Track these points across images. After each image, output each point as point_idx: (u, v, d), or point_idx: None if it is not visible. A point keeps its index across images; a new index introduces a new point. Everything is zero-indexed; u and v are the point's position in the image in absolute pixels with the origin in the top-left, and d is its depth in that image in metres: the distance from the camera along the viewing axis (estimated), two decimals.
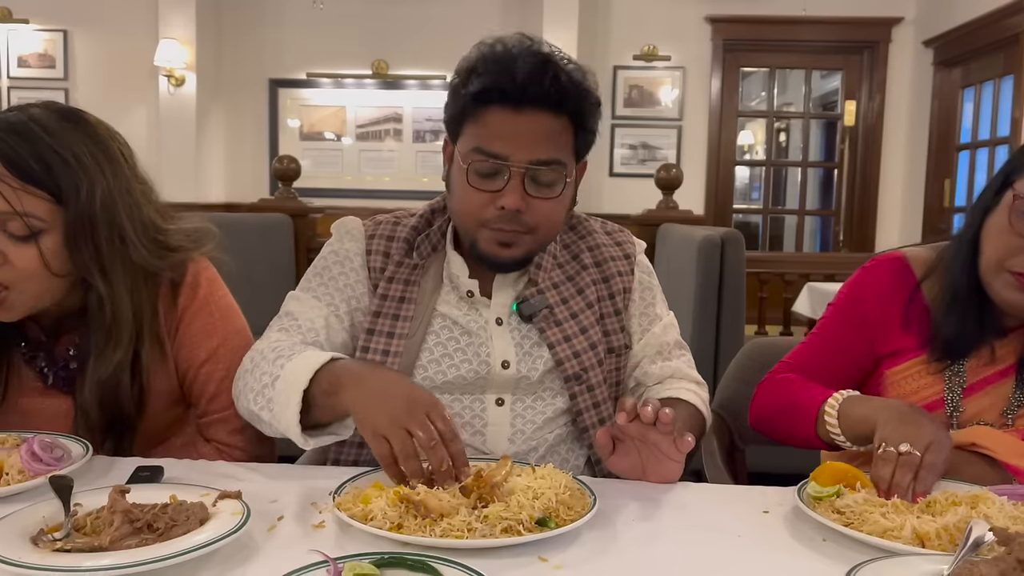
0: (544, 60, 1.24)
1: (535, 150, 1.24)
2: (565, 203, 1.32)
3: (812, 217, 7.68)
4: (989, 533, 0.88)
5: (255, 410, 1.20)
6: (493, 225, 1.27)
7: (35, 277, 1.19)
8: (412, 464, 1.01)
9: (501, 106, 1.24)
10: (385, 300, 1.36)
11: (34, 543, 0.89)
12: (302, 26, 6.85)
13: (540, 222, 1.28)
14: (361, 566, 0.83)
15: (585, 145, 1.33)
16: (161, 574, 0.84)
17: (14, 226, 1.16)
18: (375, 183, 7.00)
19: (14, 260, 1.17)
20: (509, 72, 1.22)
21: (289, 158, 4.06)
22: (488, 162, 1.25)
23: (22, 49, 6.84)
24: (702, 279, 2.92)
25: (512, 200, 1.24)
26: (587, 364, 1.36)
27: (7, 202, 1.15)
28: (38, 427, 1.28)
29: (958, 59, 6.00)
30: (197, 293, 1.35)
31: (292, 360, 1.18)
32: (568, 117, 1.27)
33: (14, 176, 1.15)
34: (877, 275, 1.38)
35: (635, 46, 6.73)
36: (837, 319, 1.41)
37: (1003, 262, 1.19)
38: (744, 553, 0.95)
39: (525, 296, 1.36)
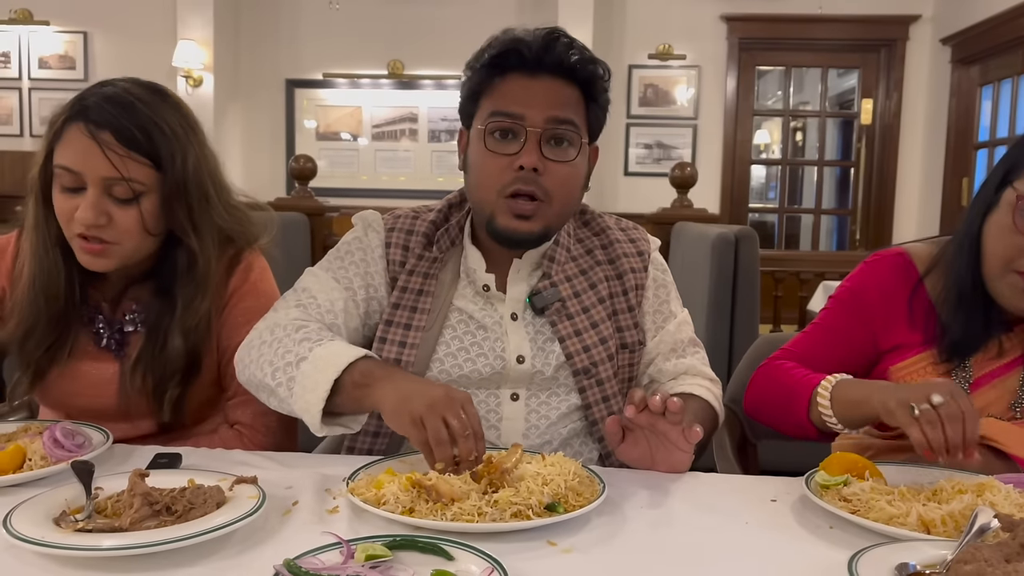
0: (555, 32, 1.31)
1: (550, 109, 1.29)
2: (580, 173, 1.35)
3: (828, 216, 7.65)
4: (994, 520, 0.89)
5: (271, 384, 1.22)
6: (511, 189, 1.29)
7: (134, 235, 1.30)
8: (444, 450, 1.04)
9: (517, 73, 1.31)
10: (405, 292, 1.38)
11: (57, 524, 0.91)
12: (318, 27, 6.89)
13: (556, 188, 1.30)
14: (374, 547, 0.85)
15: (598, 120, 1.37)
16: (179, 555, 0.86)
17: (119, 190, 1.27)
18: (391, 183, 7.03)
19: (117, 221, 1.28)
20: (522, 41, 1.30)
21: (306, 157, 4.10)
22: (506, 122, 1.29)
23: (43, 51, 6.91)
24: (716, 277, 2.92)
25: (530, 159, 1.27)
26: (597, 359, 1.38)
27: (115, 168, 1.25)
28: (82, 392, 1.37)
29: (976, 57, 5.96)
30: (249, 276, 1.44)
31: (322, 346, 1.20)
32: (579, 88, 1.32)
33: (120, 144, 1.25)
34: (879, 270, 1.39)
35: (650, 45, 6.72)
36: (838, 310, 1.42)
37: (1010, 263, 1.20)
38: (751, 539, 0.97)
39: (538, 289, 1.38)
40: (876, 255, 1.41)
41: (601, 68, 1.34)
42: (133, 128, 1.26)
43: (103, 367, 1.39)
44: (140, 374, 1.36)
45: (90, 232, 1.26)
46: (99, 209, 1.25)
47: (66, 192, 1.27)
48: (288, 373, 1.20)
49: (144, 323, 1.38)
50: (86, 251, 1.29)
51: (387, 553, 0.84)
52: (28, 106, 6.93)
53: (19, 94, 6.94)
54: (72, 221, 1.27)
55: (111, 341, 1.39)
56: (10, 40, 6.89)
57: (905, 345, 1.32)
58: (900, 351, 1.33)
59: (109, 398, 1.38)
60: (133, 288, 1.40)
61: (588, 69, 1.32)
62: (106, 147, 1.24)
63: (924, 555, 0.85)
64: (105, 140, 1.24)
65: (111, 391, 1.37)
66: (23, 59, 6.91)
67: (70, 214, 1.27)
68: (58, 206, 1.29)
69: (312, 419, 1.16)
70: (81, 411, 1.39)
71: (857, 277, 1.41)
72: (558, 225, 1.37)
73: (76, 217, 1.26)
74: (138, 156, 1.27)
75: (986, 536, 0.87)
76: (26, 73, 6.93)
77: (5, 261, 1.42)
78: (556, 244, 1.41)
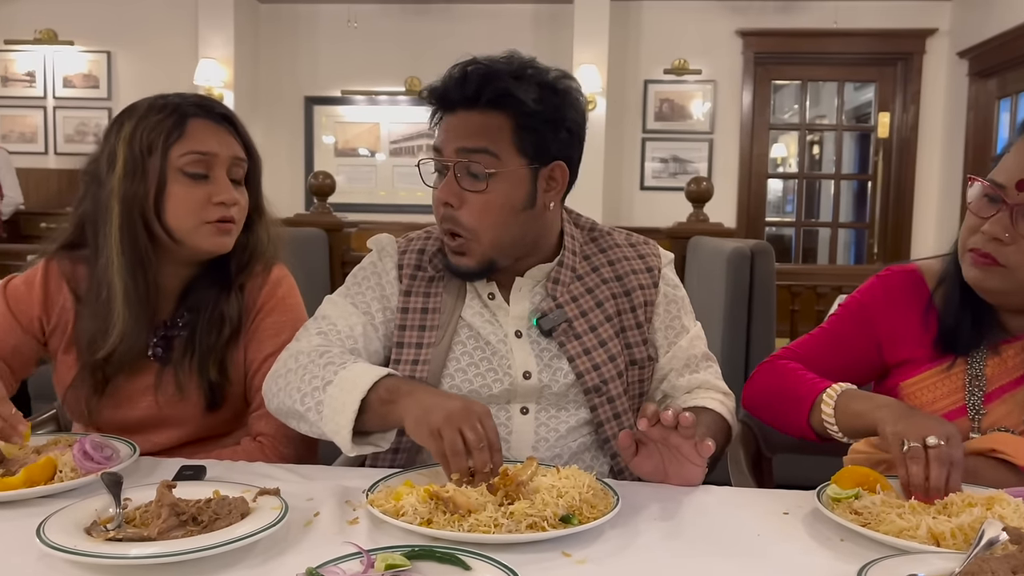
0: (467, 64, 1.32)
1: (460, 140, 1.31)
2: (503, 201, 1.31)
3: (846, 230, 7.62)
4: (1003, 533, 0.90)
5: (301, 410, 1.25)
6: (444, 227, 1.35)
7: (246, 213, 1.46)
8: (459, 461, 1.07)
9: (441, 112, 1.36)
10: (407, 313, 1.41)
11: (87, 533, 0.95)
12: (336, 45, 6.98)
13: (475, 220, 1.31)
14: (393, 557, 0.87)
15: (535, 144, 1.32)
16: (205, 563, 0.89)
17: (236, 171, 1.44)
18: (408, 198, 7.08)
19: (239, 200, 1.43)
20: (440, 81, 1.34)
21: (324, 174, 4.15)
22: (432, 158, 1.35)
23: (67, 70, 7.04)
24: (732, 291, 2.93)
25: (442, 193, 1.32)
26: (607, 376, 1.39)
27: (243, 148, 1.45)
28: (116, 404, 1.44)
29: (994, 70, 5.94)
30: (276, 292, 1.50)
31: (347, 369, 1.23)
32: (500, 113, 1.30)
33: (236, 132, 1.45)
34: (891, 284, 1.40)
35: (666, 60, 6.75)
36: (845, 318, 1.44)
37: (964, 243, 1.26)
38: (762, 551, 0.98)
39: (543, 311, 1.39)
40: (889, 269, 1.43)
41: (531, 94, 1.29)
42: (233, 120, 1.45)
43: (142, 378, 1.44)
44: (189, 356, 1.43)
45: (228, 212, 1.40)
46: (232, 188, 1.41)
47: (192, 182, 1.38)
48: (316, 397, 1.23)
49: (191, 310, 1.45)
50: (220, 231, 1.41)
51: (406, 563, 0.87)
52: (53, 124, 7.05)
53: (44, 112, 7.07)
54: (206, 208, 1.38)
55: (157, 349, 1.44)
56: (35, 60, 7.03)
57: (914, 360, 1.34)
58: (910, 366, 1.34)
59: (144, 409, 1.43)
60: (190, 295, 1.47)
61: (500, 97, 1.29)
62: (231, 133, 1.43)
63: (933, 567, 0.86)
64: (227, 128, 1.43)
65: (147, 401, 1.43)
66: (48, 78, 7.05)
67: (202, 202, 1.38)
68: (184, 198, 1.38)
69: (343, 440, 1.19)
70: (114, 424, 1.43)
71: (868, 290, 1.43)
72: (500, 254, 1.36)
73: (216, 200, 1.39)
74: (243, 143, 1.46)
75: (995, 549, 0.88)
76: (51, 92, 7.06)
77: (35, 291, 1.47)
78: (560, 265, 1.42)
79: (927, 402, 1.31)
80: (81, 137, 7.00)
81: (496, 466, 1.08)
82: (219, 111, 1.44)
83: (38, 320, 1.47)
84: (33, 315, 1.47)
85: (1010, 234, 1.20)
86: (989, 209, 1.23)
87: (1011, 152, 1.24)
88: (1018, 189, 1.20)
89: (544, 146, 1.33)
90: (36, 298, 1.47)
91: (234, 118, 1.45)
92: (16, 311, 1.46)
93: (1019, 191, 1.20)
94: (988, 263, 1.23)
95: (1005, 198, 1.21)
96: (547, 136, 1.33)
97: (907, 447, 1.07)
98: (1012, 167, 1.22)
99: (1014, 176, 1.21)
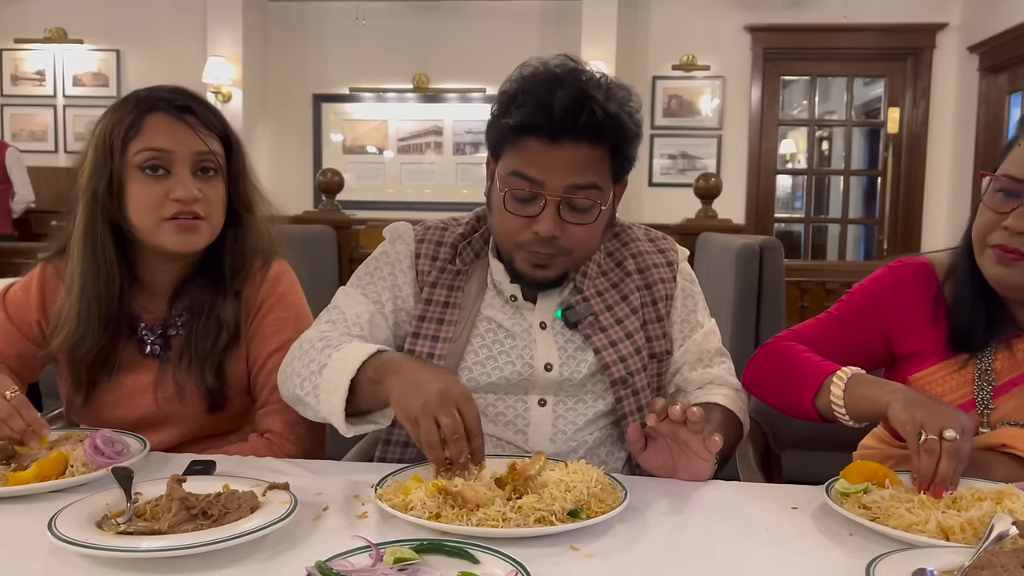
0: (582, 96, 1.23)
1: (570, 177, 1.26)
2: (601, 226, 1.35)
3: (855, 226, 7.59)
4: (1012, 527, 0.90)
5: (301, 395, 1.26)
6: (529, 248, 1.30)
7: (220, 209, 1.42)
8: (434, 452, 1.07)
9: (538, 136, 1.26)
10: (429, 305, 1.40)
11: (99, 527, 0.95)
12: (345, 42, 6.98)
13: (575, 245, 1.31)
14: (402, 551, 0.87)
15: (624, 169, 1.35)
16: (215, 556, 0.90)
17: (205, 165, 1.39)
18: (416, 195, 7.10)
19: (207, 194, 1.39)
20: (547, 108, 1.23)
21: (333, 171, 4.15)
22: (525, 189, 1.28)
23: (77, 68, 7.08)
24: (741, 287, 2.93)
25: (546, 227, 1.27)
26: (633, 368, 1.39)
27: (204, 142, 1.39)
28: (118, 403, 1.43)
29: (1004, 64, 5.90)
30: (277, 288, 1.49)
31: (340, 350, 1.23)
32: (605, 147, 1.28)
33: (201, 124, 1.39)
34: (902, 275, 1.40)
35: (674, 56, 6.73)
36: (853, 304, 1.43)
37: (984, 238, 1.24)
38: (771, 545, 0.98)
39: (570, 304, 1.39)
40: (900, 260, 1.43)
41: (632, 123, 1.29)
42: (208, 111, 1.41)
43: (140, 376, 1.44)
44: (188, 358, 1.42)
45: (187, 208, 1.35)
46: (192, 185, 1.36)
47: (150, 179, 1.35)
48: (313, 381, 1.23)
49: (187, 310, 1.45)
50: (181, 228, 1.36)
51: (415, 556, 0.87)
52: (63, 123, 7.09)
53: (54, 111, 7.11)
54: (163, 204, 1.35)
55: (155, 347, 1.44)
56: (45, 59, 7.07)
57: (924, 353, 1.33)
58: (918, 359, 1.34)
59: (144, 408, 1.43)
60: (183, 292, 1.46)
61: (616, 130, 1.27)
62: (193, 126, 1.37)
63: (942, 561, 0.86)
64: (190, 121, 1.38)
65: (147, 400, 1.43)
66: (58, 77, 7.09)
67: (159, 199, 1.35)
68: (142, 195, 1.35)
69: (338, 421, 1.19)
70: (116, 422, 1.43)
71: (878, 279, 1.42)
72: (577, 267, 1.39)
73: (172, 196, 1.34)
74: (214, 135, 1.40)
75: (1004, 543, 0.88)
76: (61, 91, 7.10)
77: (32, 296, 1.48)
78: (587, 259, 1.43)
79: (937, 395, 1.30)
80: None
81: (475, 453, 1.08)
82: (180, 104, 1.38)
83: (37, 324, 1.47)
84: (32, 320, 1.47)
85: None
86: (1007, 204, 1.21)
87: (1021, 147, 1.22)
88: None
89: (629, 167, 1.35)
90: (34, 302, 1.47)
91: (198, 110, 1.39)
92: (16, 319, 1.47)
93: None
94: (1015, 258, 1.20)
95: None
96: (630, 164, 1.35)
97: (924, 439, 1.06)
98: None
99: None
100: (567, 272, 1.37)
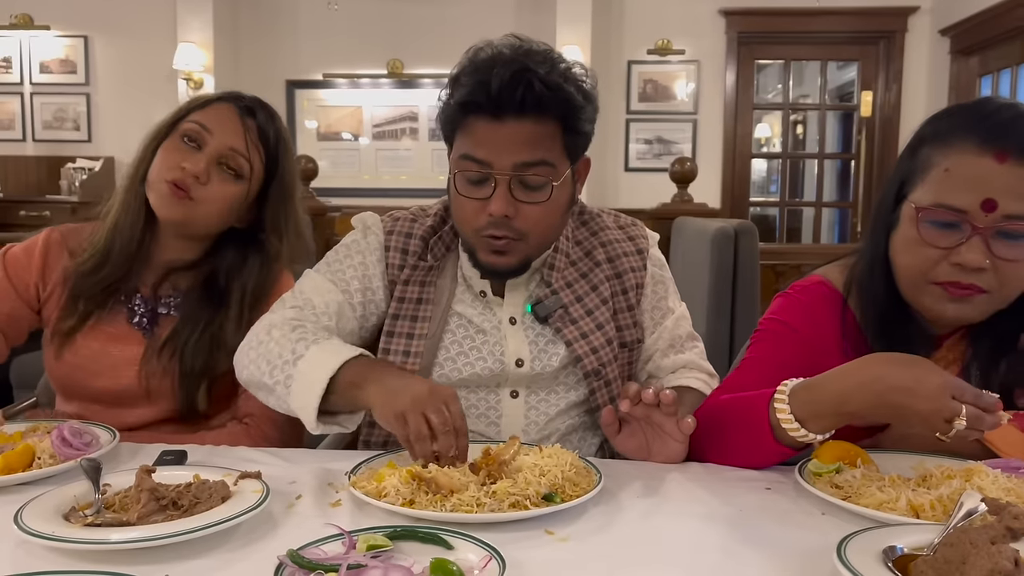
0: (520, 68, 1.22)
1: (518, 154, 1.25)
2: (558, 205, 1.32)
3: (830, 209, 7.65)
4: (981, 504, 0.90)
5: (267, 382, 1.24)
6: (485, 232, 1.29)
7: (217, 206, 1.43)
8: (424, 446, 1.06)
9: (482, 115, 1.25)
10: (403, 303, 1.39)
11: (66, 519, 0.94)
12: (317, 27, 6.91)
13: (531, 227, 1.29)
14: (375, 538, 0.87)
15: (579, 145, 1.32)
16: (186, 547, 0.88)
17: (231, 164, 1.42)
18: (392, 182, 7.05)
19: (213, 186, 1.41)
20: (486, 84, 1.22)
21: (307, 158, 4.12)
22: (473, 170, 1.27)
23: (44, 55, 6.94)
24: (716, 271, 2.94)
25: (498, 206, 1.25)
26: (605, 359, 1.39)
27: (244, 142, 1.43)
28: (102, 372, 1.44)
29: (975, 47, 5.96)
30: (276, 288, 1.50)
31: (319, 344, 1.22)
32: (553, 121, 1.27)
33: (256, 135, 1.45)
34: (805, 300, 1.31)
35: (649, 41, 6.73)
36: (770, 340, 1.31)
37: (926, 275, 1.15)
38: (745, 525, 0.99)
39: (539, 298, 1.39)
40: (795, 286, 1.34)
41: (578, 95, 1.27)
42: (269, 130, 1.46)
43: (127, 348, 1.45)
44: (168, 355, 1.43)
45: (184, 181, 1.38)
46: (205, 168, 1.40)
47: (184, 145, 1.41)
48: (285, 371, 1.22)
49: (179, 308, 1.46)
50: (169, 193, 1.39)
51: (388, 543, 0.86)
52: (30, 111, 6.96)
53: (21, 99, 6.97)
54: (171, 169, 1.39)
55: (143, 319, 1.46)
56: (11, 45, 6.92)
57: None
58: None
59: (128, 380, 1.43)
60: (174, 275, 1.49)
61: (559, 103, 1.25)
62: (246, 127, 1.43)
63: (912, 539, 0.87)
64: (248, 123, 1.44)
65: (131, 372, 1.43)
66: (24, 64, 6.95)
67: (177, 161, 1.40)
68: (169, 153, 1.41)
69: (308, 417, 1.18)
70: (98, 393, 1.44)
71: (783, 310, 1.32)
72: (538, 253, 1.37)
73: (183, 165, 1.39)
74: (261, 151, 1.45)
75: (973, 520, 0.89)
76: (27, 78, 6.96)
77: (35, 259, 1.49)
78: (555, 251, 1.41)
79: None
80: (59, 124, 6.92)
81: (461, 450, 1.08)
82: (246, 104, 1.46)
83: (34, 287, 1.49)
84: (30, 282, 1.49)
85: (990, 259, 1.11)
86: (947, 237, 1.12)
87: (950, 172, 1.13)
88: (985, 210, 1.10)
89: (585, 143, 1.33)
90: (35, 265, 1.49)
91: (261, 120, 1.45)
92: (13, 277, 1.49)
93: (987, 212, 1.10)
94: (971, 293, 1.13)
95: (972, 222, 1.11)
96: (587, 136, 1.32)
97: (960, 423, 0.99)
98: (964, 188, 1.11)
99: (976, 197, 1.10)
100: (528, 260, 1.35)
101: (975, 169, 1.11)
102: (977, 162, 1.11)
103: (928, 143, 1.17)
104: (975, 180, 1.11)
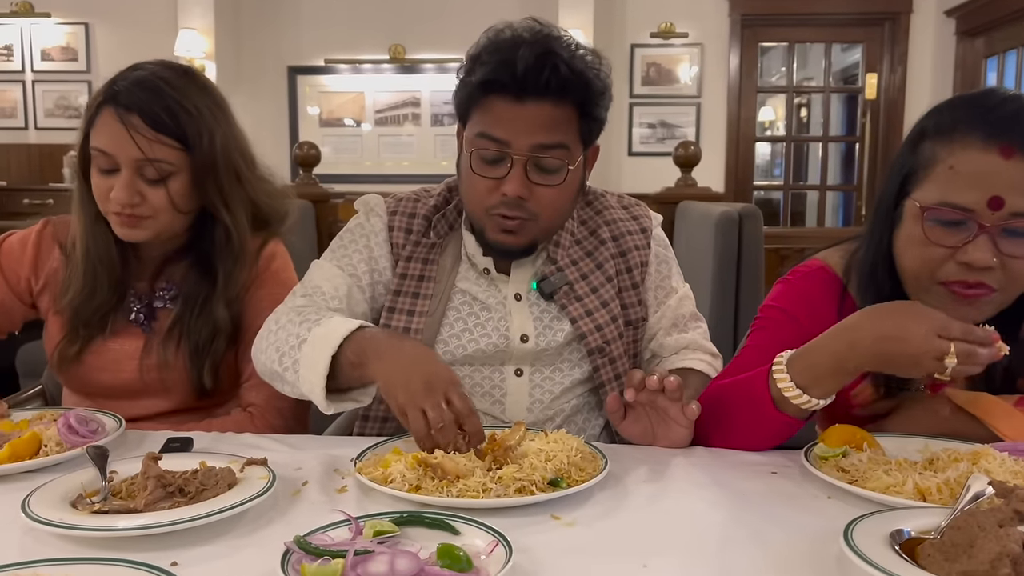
0: (545, 51, 1.23)
1: (537, 136, 1.25)
2: (570, 189, 1.33)
3: (834, 193, 7.62)
4: (989, 487, 0.90)
5: (279, 370, 1.25)
6: (496, 211, 1.29)
7: (166, 212, 1.37)
8: (425, 444, 1.06)
9: (503, 95, 1.25)
10: (404, 279, 1.39)
11: (73, 506, 0.94)
12: (319, 13, 6.87)
13: (543, 209, 1.30)
14: (381, 524, 0.87)
15: (592, 131, 1.33)
16: (193, 534, 0.89)
17: (149, 171, 1.33)
18: (394, 168, 7.04)
19: (150, 199, 1.35)
20: (510, 64, 1.23)
21: (309, 144, 4.10)
22: (491, 149, 1.27)
23: (45, 43, 6.91)
24: (720, 255, 2.93)
25: (514, 187, 1.26)
26: (609, 337, 1.39)
27: (142, 151, 1.32)
28: (105, 367, 1.44)
29: (981, 28, 5.91)
30: (271, 265, 1.49)
31: (320, 325, 1.22)
32: (572, 105, 1.27)
33: (148, 127, 1.32)
34: (804, 286, 1.31)
35: (652, 24, 6.68)
36: (770, 328, 1.30)
37: (932, 275, 1.14)
38: (751, 510, 0.99)
39: (545, 274, 1.39)
40: (795, 271, 1.34)
41: (598, 81, 1.28)
42: (160, 111, 1.32)
43: (127, 343, 1.45)
44: (175, 341, 1.42)
45: (124, 211, 1.34)
46: (132, 189, 1.33)
47: (102, 173, 1.35)
48: (293, 357, 1.22)
49: (176, 298, 1.45)
50: (122, 224, 1.36)
51: (394, 529, 0.86)
52: (32, 99, 6.94)
53: (23, 87, 6.94)
54: (108, 200, 1.35)
55: (140, 315, 1.45)
56: (12, 33, 6.89)
57: None
58: None
59: (130, 373, 1.43)
60: (168, 267, 1.47)
61: (578, 90, 1.26)
62: (134, 131, 1.31)
63: (919, 522, 0.87)
64: (134, 124, 1.31)
65: (132, 367, 1.43)
66: (25, 52, 6.91)
67: (106, 193, 1.35)
68: (95, 185, 1.37)
69: (318, 398, 1.18)
70: (102, 388, 1.45)
71: (782, 296, 1.32)
72: (547, 235, 1.38)
73: (111, 197, 1.34)
74: (166, 138, 1.33)
75: (981, 503, 0.88)
76: (29, 66, 6.93)
77: (27, 252, 1.49)
78: (560, 229, 1.41)
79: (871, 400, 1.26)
80: (61, 111, 6.89)
81: (472, 435, 1.05)
82: (128, 102, 1.31)
83: (26, 280, 1.49)
84: (22, 275, 1.49)
85: (998, 258, 1.09)
86: (953, 235, 1.10)
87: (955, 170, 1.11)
88: (992, 208, 1.08)
89: (599, 129, 1.34)
90: (28, 259, 1.49)
91: (147, 109, 1.31)
92: (6, 269, 1.49)
93: (994, 210, 1.08)
94: (981, 294, 1.11)
95: (979, 221, 1.09)
96: (599, 124, 1.33)
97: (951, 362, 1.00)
98: (970, 185, 1.09)
99: (982, 195, 1.08)
100: (536, 240, 1.36)
101: (980, 166, 1.09)
102: (982, 158, 1.09)
103: (930, 137, 1.15)
104: (981, 177, 1.09)
